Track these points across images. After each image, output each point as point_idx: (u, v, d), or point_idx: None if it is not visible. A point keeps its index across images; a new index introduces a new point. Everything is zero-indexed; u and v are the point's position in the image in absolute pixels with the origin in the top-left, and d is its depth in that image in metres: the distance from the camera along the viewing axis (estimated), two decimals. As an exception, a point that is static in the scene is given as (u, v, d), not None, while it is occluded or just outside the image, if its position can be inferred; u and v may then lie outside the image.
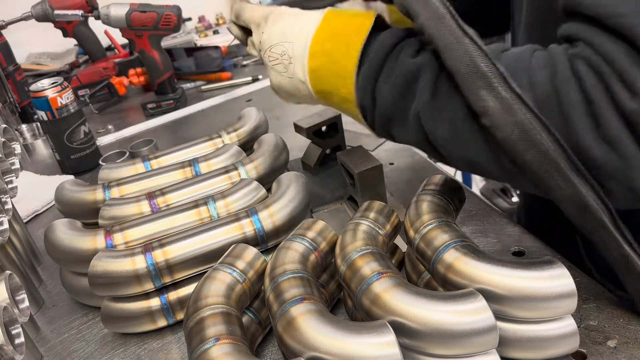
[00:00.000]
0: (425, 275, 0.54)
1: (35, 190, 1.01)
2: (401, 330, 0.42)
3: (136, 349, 0.61)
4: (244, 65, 1.62)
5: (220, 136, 0.87)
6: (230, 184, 0.72)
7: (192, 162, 0.78)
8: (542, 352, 0.46)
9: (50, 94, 1.00)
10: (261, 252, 0.59)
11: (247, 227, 0.61)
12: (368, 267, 0.48)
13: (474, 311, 0.41)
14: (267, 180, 0.75)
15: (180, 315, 0.62)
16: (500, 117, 0.42)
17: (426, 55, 0.49)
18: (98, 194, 0.74)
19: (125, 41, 1.42)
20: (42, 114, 1.02)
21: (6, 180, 0.74)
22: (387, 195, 0.75)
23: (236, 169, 0.74)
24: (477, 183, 2.52)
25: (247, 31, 0.70)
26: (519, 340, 0.45)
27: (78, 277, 0.66)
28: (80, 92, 1.50)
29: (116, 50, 1.70)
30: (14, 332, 0.53)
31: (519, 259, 0.49)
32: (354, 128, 1.05)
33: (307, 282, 0.49)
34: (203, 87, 1.49)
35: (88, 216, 0.74)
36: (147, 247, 0.59)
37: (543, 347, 0.45)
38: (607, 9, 0.39)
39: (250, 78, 1.46)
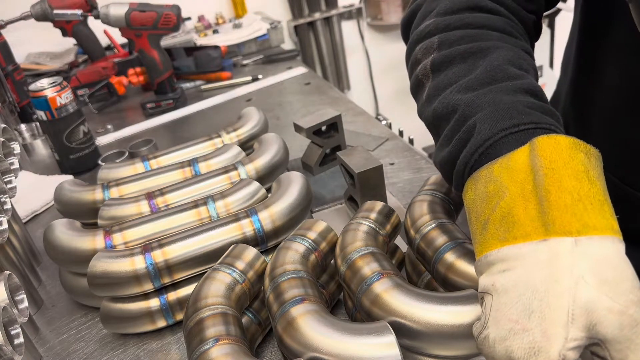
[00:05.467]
0: (426, 275, 0.54)
1: (34, 190, 1.00)
2: (401, 330, 0.42)
3: (135, 349, 0.61)
4: (244, 65, 1.61)
5: (220, 136, 0.87)
6: (230, 184, 0.72)
7: (192, 162, 0.78)
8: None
9: (49, 93, 1.00)
10: (261, 252, 0.59)
11: (246, 227, 0.61)
12: (368, 267, 0.47)
13: (475, 312, 0.41)
14: (267, 180, 0.75)
15: (179, 316, 0.62)
16: None
17: None
18: (97, 194, 0.74)
19: (125, 41, 1.41)
20: (41, 114, 1.02)
21: (5, 180, 0.74)
22: (387, 195, 0.75)
23: (236, 169, 0.74)
24: (477, 183, 2.51)
25: None
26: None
27: (77, 277, 0.66)
28: (80, 92, 1.50)
29: (115, 50, 1.70)
30: (13, 332, 0.53)
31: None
32: (354, 128, 1.05)
33: (307, 283, 0.49)
34: (203, 87, 1.48)
35: (87, 216, 0.73)
36: (147, 247, 0.59)
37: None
38: None
39: (250, 78, 1.46)
